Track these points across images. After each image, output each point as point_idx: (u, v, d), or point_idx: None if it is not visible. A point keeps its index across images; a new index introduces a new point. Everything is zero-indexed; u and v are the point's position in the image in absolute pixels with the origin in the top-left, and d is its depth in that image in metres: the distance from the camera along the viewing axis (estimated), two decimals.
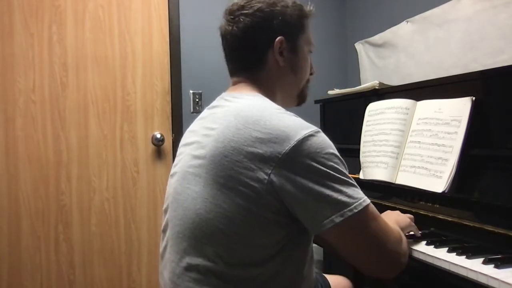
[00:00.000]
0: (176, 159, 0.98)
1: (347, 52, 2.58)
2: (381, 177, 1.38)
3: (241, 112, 0.84)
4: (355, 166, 1.57)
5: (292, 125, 0.79)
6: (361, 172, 1.51)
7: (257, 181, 0.76)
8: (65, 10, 2.00)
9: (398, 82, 1.85)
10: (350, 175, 0.82)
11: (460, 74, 1.33)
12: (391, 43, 2.10)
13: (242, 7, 0.93)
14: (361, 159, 1.52)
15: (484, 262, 0.90)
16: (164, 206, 0.98)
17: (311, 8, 1.01)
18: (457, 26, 1.69)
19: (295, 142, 0.76)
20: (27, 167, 1.95)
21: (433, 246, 1.04)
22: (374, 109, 1.53)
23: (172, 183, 0.95)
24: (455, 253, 0.98)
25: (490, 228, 1.01)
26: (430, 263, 0.99)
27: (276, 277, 0.82)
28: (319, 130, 0.81)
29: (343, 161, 0.82)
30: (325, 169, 0.76)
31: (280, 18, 0.93)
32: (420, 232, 1.11)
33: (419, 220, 1.15)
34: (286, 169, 0.76)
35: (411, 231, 1.09)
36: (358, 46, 2.40)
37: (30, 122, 1.95)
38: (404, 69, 2.01)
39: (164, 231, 0.95)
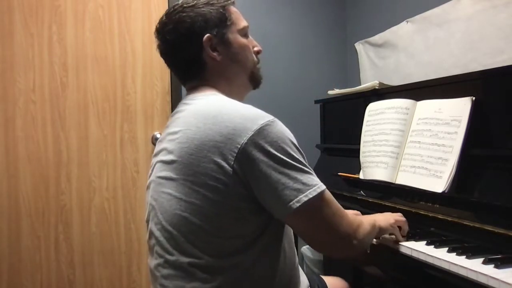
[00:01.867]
0: (150, 171, 1.00)
1: (347, 52, 2.58)
2: (381, 177, 1.38)
3: (199, 111, 0.89)
4: (355, 166, 1.57)
5: (248, 116, 0.83)
6: (361, 172, 1.51)
7: (223, 173, 0.81)
8: (65, 10, 2.00)
9: (398, 82, 1.85)
10: (306, 163, 0.85)
11: (460, 74, 1.33)
12: (391, 43, 2.10)
13: (165, 24, 0.98)
14: (361, 159, 1.52)
15: (484, 262, 0.90)
16: (145, 217, 1.00)
17: None
18: (457, 26, 1.69)
19: (253, 132, 0.80)
20: (27, 167, 1.94)
21: (433, 246, 1.04)
22: (374, 109, 1.53)
23: (148, 193, 0.97)
24: (455, 253, 0.98)
25: (490, 228, 1.01)
26: (430, 263, 0.99)
27: (256, 264, 0.86)
28: (275, 119, 0.85)
29: (299, 148, 0.86)
30: (281, 156, 0.81)
31: (200, 19, 0.96)
32: (404, 237, 1.11)
33: (419, 220, 1.15)
34: (246, 158, 0.80)
35: (393, 233, 1.09)
36: (358, 46, 2.40)
37: (30, 122, 1.95)
38: (404, 69, 2.01)
39: (149, 239, 0.97)
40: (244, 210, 0.84)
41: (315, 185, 0.82)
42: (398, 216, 1.11)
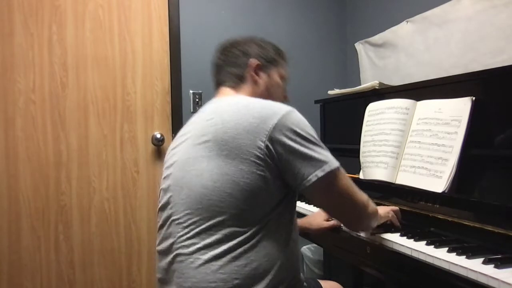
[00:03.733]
0: (169, 161, 1.09)
1: (347, 52, 2.58)
2: (381, 177, 1.38)
3: (232, 103, 1.02)
4: (355, 166, 1.57)
5: (275, 105, 0.99)
6: (361, 172, 1.51)
7: (256, 148, 0.93)
8: (65, 10, 2.00)
9: (398, 82, 1.85)
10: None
11: (460, 74, 1.33)
12: (391, 43, 2.10)
13: (231, 44, 1.18)
14: (361, 159, 1.52)
15: (484, 262, 0.90)
16: (160, 205, 1.08)
17: (285, 52, 1.23)
18: (457, 26, 1.69)
19: (281, 116, 0.95)
20: (27, 167, 1.95)
21: (433, 246, 1.04)
22: (374, 109, 1.53)
23: (169, 178, 1.06)
24: (455, 253, 0.98)
25: (490, 228, 1.01)
26: (430, 263, 0.99)
27: (273, 233, 0.97)
28: (295, 109, 1.00)
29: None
30: (305, 135, 0.96)
31: (257, 48, 1.17)
32: (399, 225, 1.21)
33: (419, 220, 1.15)
34: (277, 136, 0.93)
35: (390, 220, 1.20)
36: (358, 46, 2.40)
37: (30, 122, 1.95)
38: (404, 69, 2.01)
39: (163, 209, 1.05)
40: (269, 184, 0.94)
41: (333, 159, 0.97)
42: (391, 207, 1.24)
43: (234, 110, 0.98)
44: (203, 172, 0.96)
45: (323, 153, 0.96)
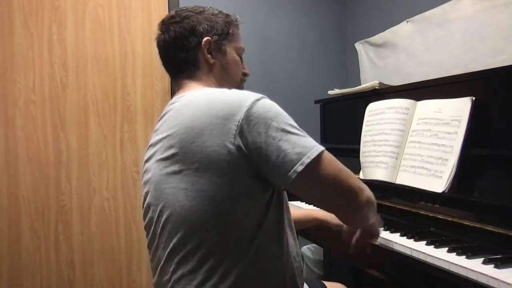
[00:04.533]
0: (144, 176, 1.01)
1: (347, 52, 2.58)
2: (381, 177, 1.38)
3: (191, 102, 0.91)
4: (355, 166, 1.57)
5: (240, 96, 0.88)
6: (361, 172, 1.51)
7: (226, 153, 0.83)
8: (65, 10, 2.00)
9: (398, 82, 1.85)
10: (300, 129, 0.88)
11: (460, 74, 1.33)
12: (391, 43, 2.10)
13: (172, 17, 1.03)
14: (361, 159, 1.52)
15: (484, 262, 0.90)
16: (145, 221, 1.00)
17: (237, 17, 1.10)
18: (457, 26, 1.69)
19: (247, 108, 0.84)
20: (27, 167, 1.95)
21: (433, 246, 1.04)
22: (374, 109, 1.53)
23: (148, 196, 0.98)
24: (455, 253, 0.97)
25: (490, 228, 1.01)
26: (430, 263, 0.99)
27: (262, 250, 0.88)
28: (264, 96, 0.89)
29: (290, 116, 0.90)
30: (277, 124, 0.84)
31: (206, 23, 1.02)
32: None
33: (419, 220, 1.15)
34: (246, 132, 0.83)
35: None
36: (358, 46, 2.40)
37: (30, 122, 1.95)
38: (404, 69, 2.01)
39: (147, 228, 0.98)
40: (250, 189, 0.86)
41: (314, 146, 0.84)
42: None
43: (196, 112, 0.88)
44: (178, 191, 0.87)
45: (301, 142, 0.84)
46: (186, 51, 1.01)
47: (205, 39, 1.00)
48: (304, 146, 0.84)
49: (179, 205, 0.87)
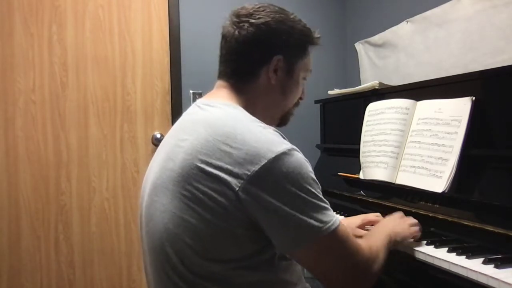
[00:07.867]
0: (146, 178, 0.94)
1: (347, 52, 2.58)
2: (381, 177, 1.38)
3: (211, 123, 0.81)
4: (355, 166, 1.57)
5: (265, 142, 0.76)
6: (361, 172, 1.51)
7: (224, 196, 0.74)
8: (65, 10, 2.00)
9: (398, 82, 1.85)
10: (322, 196, 0.79)
11: (460, 74, 1.33)
12: (391, 43, 2.10)
13: (250, 15, 0.90)
14: (361, 159, 1.52)
15: (484, 262, 0.90)
16: (139, 221, 0.96)
17: (319, 35, 0.97)
18: (457, 26, 1.69)
19: (266, 161, 0.73)
20: (27, 167, 1.94)
21: (433, 246, 1.04)
22: (374, 109, 1.53)
23: (143, 204, 0.92)
24: (455, 253, 0.98)
25: (490, 228, 1.01)
26: (430, 263, 0.99)
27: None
28: (294, 148, 0.78)
29: (317, 181, 0.79)
30: (295, 190, 0.74)
31: (284, 37, 0.90)
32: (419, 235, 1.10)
33: (419, 220, 1.15)
34: (255, 187, 0.73)
35: (412, 237, 1.07)
36: (358, 46, 2.40)
37: (30, 122, 1.95)
38: (404, 69, 2.01)
39: (141, 238, 0.94)
40: (241, 237, 0.77)
41: (329, 221, 0.76)
42: (410, 220, 1.10)
43: (210, 137, 0.77)
44: (166, 209, 0.80)
45: (315, 215, 0.74)
46: (250, 59, 0.90)
47: (276, 57, 0.89)
48: (319, 219, 0.74)
49: (164, 226, 0.80)
